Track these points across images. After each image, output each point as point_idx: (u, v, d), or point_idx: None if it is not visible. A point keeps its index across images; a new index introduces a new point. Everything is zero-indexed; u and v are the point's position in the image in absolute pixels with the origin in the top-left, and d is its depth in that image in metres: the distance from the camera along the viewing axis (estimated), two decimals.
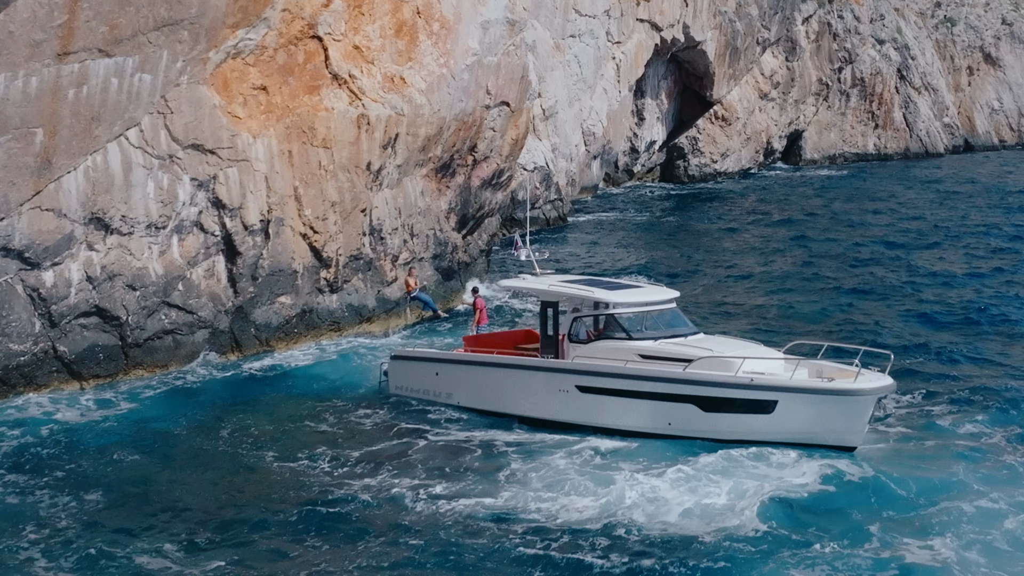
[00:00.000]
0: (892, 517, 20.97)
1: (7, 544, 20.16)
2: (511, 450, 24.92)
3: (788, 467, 23.34)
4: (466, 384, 28.24)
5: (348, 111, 33.09)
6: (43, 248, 27.44)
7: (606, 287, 27.70)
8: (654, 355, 25.80)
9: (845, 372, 24.60)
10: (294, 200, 32.09)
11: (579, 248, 50.91)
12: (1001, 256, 49.34)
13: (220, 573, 19.14)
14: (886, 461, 23.60)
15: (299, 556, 19.83)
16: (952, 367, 31.41)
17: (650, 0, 68.23)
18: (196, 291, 30.49)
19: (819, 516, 21.05)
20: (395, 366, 29.42)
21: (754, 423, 24.61)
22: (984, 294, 41.21)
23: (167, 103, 29.16)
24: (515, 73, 39.94)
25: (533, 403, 27.00)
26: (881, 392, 24.41)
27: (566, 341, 27.05)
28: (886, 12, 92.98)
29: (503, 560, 19.49)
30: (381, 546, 20.15)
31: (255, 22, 30.68)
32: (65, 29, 26.43)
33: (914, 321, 37.15)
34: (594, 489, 22.25)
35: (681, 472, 22.99)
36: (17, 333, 27.34)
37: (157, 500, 22.26)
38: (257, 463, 24.36)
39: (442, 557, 19.67)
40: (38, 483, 23.01)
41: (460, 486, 22.82)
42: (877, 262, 47.85)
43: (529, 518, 21.08)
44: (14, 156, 26.48)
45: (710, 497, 21.83)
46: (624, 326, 26.54)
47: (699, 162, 78.14)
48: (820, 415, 24.10)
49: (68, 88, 27.01)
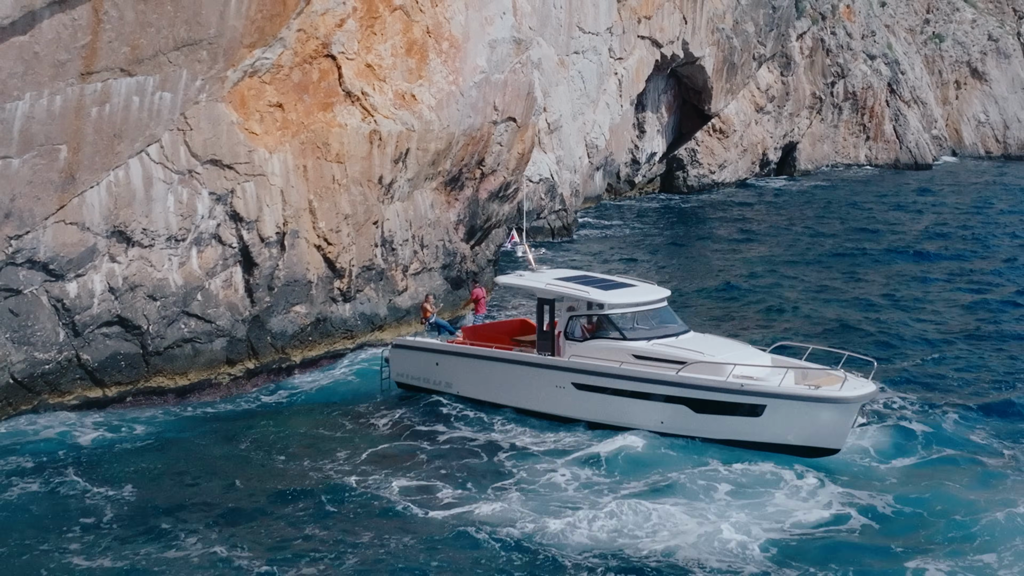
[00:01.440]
0: (920, 547, 20.24)
1: (37, 542, 20.02)
2: (520, 459, 24.45)
3: (800, 493, 22.43)
4: (465, 375, 28.31)
5: (361, 127, 32.85)
6: (67, 260, 27.22)
7: (600, 286, 27.64)
8: (648, 356, 25.78)
9: (831, 378, 24.56)
10: (309, 213, 31.85)
11: (584, 257, 50.66)
12: (990, 260, 49.13)
13: (223, 571, 19.01)
14: (903, 484, 22.93)
15: (305, 555, 19.63)
16: (947, 373, 31.14)
17: (651, 18, 67.99)
18: (214, 301, 30.26)
19: (832, 551, 20.07)
20: (396, 355, 29.44)
21: (743, 425, 24.61)
22: (975, 299, 40.97)
23: (186, 120, 28.93)
24: (521, 90, 39.69)
25: (530, 397, 27.09)
26: (865, 399, 24.39)
27: (562, 337, 26.94)
28: (877, 29, 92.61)
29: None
30: (388, 551, 19.95)
31: (271, 42, 30.45)
32: (88, 49, 26.21)
33: (905, 326, 36.87)
34: (596, 508, 21.47)
35: (688, 492, 22.33)
36: (42, 342, 27.12)
37: (174, 500, 22.13)
38: (270, 467, 24.17)
39: (442, 564, 19.45)
40: (65, 485, 22.91)
41: (462, 493, 22.52)
42: (870, 267, 47.61)
43: (528, 535, 20.45)
44: (39, 172, 26.26)
45: (716, 524, 20.85)
46: (618, 325, 26.52)
47: (698, 173, 77.84)
48: (806, 420, 24.08)
49: (91, 106, 26.79)
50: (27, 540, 20.31)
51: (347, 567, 19.27)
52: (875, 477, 23.39)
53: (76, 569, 19.24)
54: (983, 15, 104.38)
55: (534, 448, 25.16)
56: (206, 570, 19.20)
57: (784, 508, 21.73)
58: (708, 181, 77.86)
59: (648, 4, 67.61)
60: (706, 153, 78.40)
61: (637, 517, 21.07)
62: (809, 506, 21.78)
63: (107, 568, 19.25)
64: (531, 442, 25.55)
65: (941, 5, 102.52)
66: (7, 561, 19.59)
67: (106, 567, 19.30)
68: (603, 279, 28.76)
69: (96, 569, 19.22)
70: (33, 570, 19.24)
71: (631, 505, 21.52)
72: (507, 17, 38.96)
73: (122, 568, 19.26)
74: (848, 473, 23.48)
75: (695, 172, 77.82)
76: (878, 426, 26.11)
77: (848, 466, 23.91)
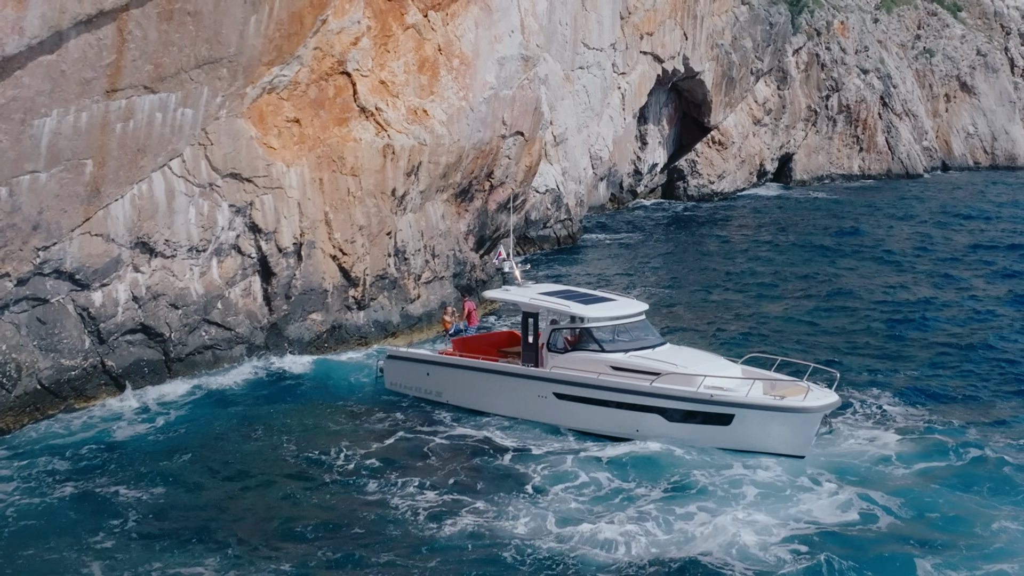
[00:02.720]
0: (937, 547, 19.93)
1: (65, 540, 19.96)
2: (532, 470, 23.93)
3: (820, 500, 22.04)
4: (454, 385, 28.45)
5: (375, 141, 32.77)
6: (92, 270, 27.16)
7: (582, 300, 27.78)
8: (624, 367, 25.91)
9: (796, 389, 24.72)
10: (325, 224, 31.77)
11: (589, 264, 50.42)
12: (975, 269, 48.85)
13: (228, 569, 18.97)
14: (922, 489, 22.57)
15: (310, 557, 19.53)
16: (964, 382, 30.57)
17: (653, 34, 67.83)
18: (234, 309, 30.18)
19: (855, 550, 19.75)
20: (390, 364, 29.54)
21: (713, 433, 24.73)
22: (957, 311, 40.70)
23: (207, 135, 28.87)
24: (529, 105, 39.60)
25: (514, 405, 27.24)
26: (827, 409, 24.54)
27: (545, 349, 27.08)
28: (870, 44, 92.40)
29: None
30: (394, 556, 19.80)
31: (289, 60, 30.39)
32: (113, 68, 26.15)
33: (915, 334, 36.37)
34: (611, 518, 21.03)
35: (706, 494, 21.99)
36: (68, 349, 27.05)
37: (188, 501, 22.04)
38: (274, 469, 24.00)
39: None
40: (90, 484, 22.84)
41: (481, 500, 22.19)
42: (862, 273, 47.39)
43: (540, 544, 20.00)
44: (66, 185, 26.20)
45: (736, 527, 20.45)
46: (597, 338, 26.65)
47: (697, 183, 77.64)
48: (773, 429, 24.24)
49: (116, 122, 26.73)
50: (57, 538, 20.26)
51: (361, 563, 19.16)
52: (895, 482, 23.03)
53: (97, 558, 19.23)
54: (972, 31, 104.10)
55: (549, 462, 24.71)
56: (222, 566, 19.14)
57: (802, 511, 21.46)
58: (707, 191, 77.65)
59: (650, 21, 67.48)
60: (706, 164, 78.21)
61: (655, 522, 20.82)
62: (827, 510, 21.51)
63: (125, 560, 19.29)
64: (549, 456, 25.04)
65: (932, 22, 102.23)
66: (38, 558, 19.56)
67: (126, 561, 19.36)
68: (584, 293, 28.91)
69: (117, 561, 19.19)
70: (60, 566, 19.23)
71: (648, 510, 21.26)
72: (515, 35, 38.89)
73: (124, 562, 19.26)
74: (867, 477, 23.18)
75: (695, 182, 77.63)
76: (899, 433, 25.75)
77: (868, 471, 23.60)
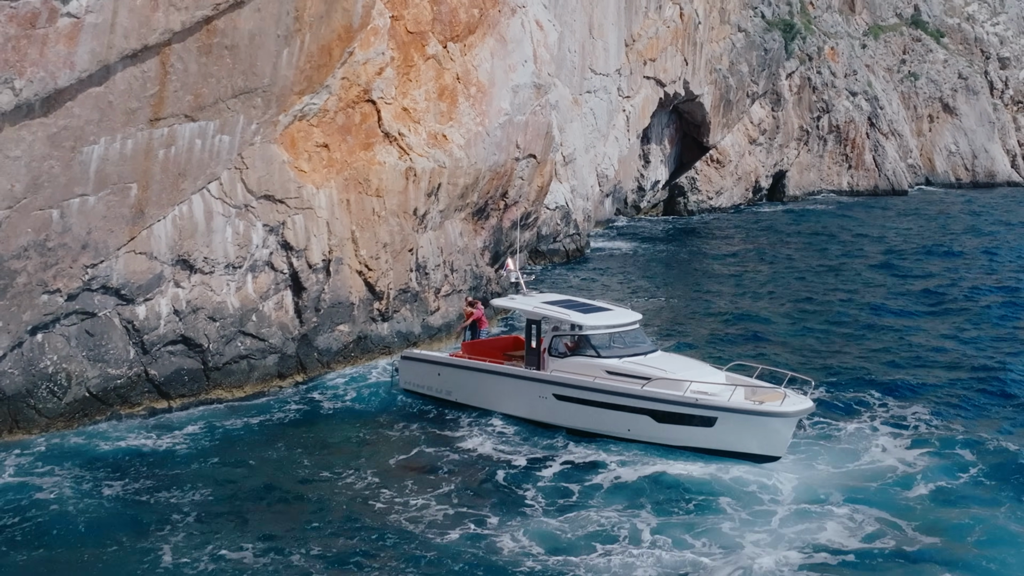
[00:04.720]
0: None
1: (123, 539, 20.08)
2: (544, 487, 23.56)
3: (835, 516, 21.72)
4: (463, 385, 28.89)
5: (398, 165, 32.93)
6: (137, 286, 27.35)
7: (581, 309, 28.23)
8: (618, 372, 26.34)
9: (774, 395, 25.13)
10: (351, 242, 31.93)
11: (595, 275, 50.53)
12: (959, 284, 48.74)
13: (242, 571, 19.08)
14: (942, 510, 22.17)
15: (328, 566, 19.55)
16: (989, 399, 30.24)
17: (655, 60, 67.96)
18: (267, 321, 30.34)
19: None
20: (404, 365, 30.16)
21: (698, 434, 25.14)
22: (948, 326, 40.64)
23: (243, 160, 29.06)
24: (541, 130, 39.73)
25: (517, 404, 27.70)
26: (802, 414, 24.95)
27: (546, 354, 27.54)
28: (858, 68, 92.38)
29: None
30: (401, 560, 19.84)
31: (318, 89, 30.56)
32: (156, 98, 26.36)
33: (868, 351, 36.02)
34: (622, 539, 20.62)
35: (720, 515, 21.69)
36: (114, 359, 27.24)
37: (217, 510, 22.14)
38: (296, 474, 24.12)
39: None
40: (136, 487, 22.98)
41: (474, 514, 21.86)
42: (855, 284, 47.35)
43: (550, 564, 19.60)
44: (112, 208, 26.40)
45: (752, 549, 20.03)
46: (594, 344, 27.07)
47: (697, 199, 77.70)
48: (751, 431, 24.63)
49: (159, 149, 26.94)
50: (115, 536, 20.40)
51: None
52: (910, 502, 22.56)
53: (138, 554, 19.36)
54: (954, 56, 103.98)
55: (552, 467, 24.47)
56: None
57: (818, 534, 20.93)
58: (706, 206, 77.72)
59: (653, 48, 67.59)
60: (704, 181, 78.28)
61: (665, 546, 20.41)
62: (842, 532, 20.97)
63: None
64: (549, 462, 24.85)
65: (916, 47, 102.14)
66: (102, 550, 19.69)
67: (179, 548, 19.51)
68: (584, 303, 29.32)
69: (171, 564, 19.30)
70: (121, 556, 19.43)
71: (661, 532, 20.86)
72: (528, 65, 39.03)
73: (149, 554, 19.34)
74: (883, 499, 22.61)
75: (695, 198, 77.70)
76: (922, 451, 25.32)
77: (887, 490, 23.10)
